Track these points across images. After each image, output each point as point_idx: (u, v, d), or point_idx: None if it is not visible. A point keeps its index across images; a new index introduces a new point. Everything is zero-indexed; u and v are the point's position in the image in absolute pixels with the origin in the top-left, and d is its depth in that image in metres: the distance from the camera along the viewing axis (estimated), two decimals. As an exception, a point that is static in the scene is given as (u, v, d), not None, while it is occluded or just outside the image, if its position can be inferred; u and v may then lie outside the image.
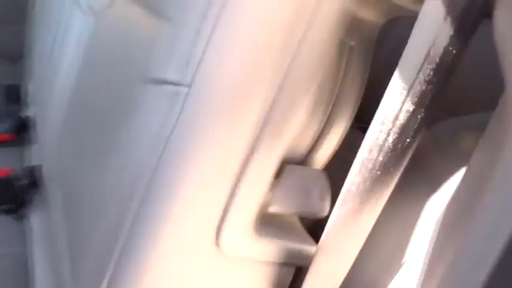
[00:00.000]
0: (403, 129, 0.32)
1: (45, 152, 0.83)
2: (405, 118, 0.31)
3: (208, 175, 0.29)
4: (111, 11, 0.62)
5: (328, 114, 0.38)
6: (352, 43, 0.34)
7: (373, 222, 0.35)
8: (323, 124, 0.38)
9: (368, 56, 0.36)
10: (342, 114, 0.37)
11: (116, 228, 0.37)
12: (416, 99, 0.29)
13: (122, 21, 0.57)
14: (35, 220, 0.80)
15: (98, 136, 0.53)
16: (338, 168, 0.36)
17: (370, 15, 0.33)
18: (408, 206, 0.37)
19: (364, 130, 0.33)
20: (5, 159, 0.97)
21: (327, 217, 0.35)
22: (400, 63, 0.30)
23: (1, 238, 0.78)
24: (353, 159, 0.33)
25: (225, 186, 0.29)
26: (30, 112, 1.14)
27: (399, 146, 0.32)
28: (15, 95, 1.26)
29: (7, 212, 0.80)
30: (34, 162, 0.96)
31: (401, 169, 0.33)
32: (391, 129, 0.32)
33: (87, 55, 0.66)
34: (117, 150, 0.39)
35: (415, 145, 0.33)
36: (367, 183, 0.32)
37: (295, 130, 0.34)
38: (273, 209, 0.34)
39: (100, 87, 0.59)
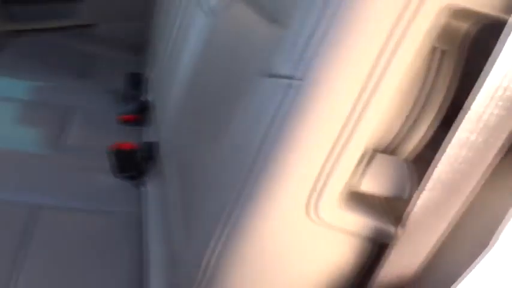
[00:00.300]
0: (491, 130, 0.35)
1: (162, 130, 0.96)
2: (494, 120, 0.35)
3: (307, 154, 0.35)
4: (228, 13, 0.71)
5: (418, 111, 0.42)
6: (445, 48, 0.38)
7: (457, 210, 0.39)
8: (412, 120, 0.42)
9: (460, 60, 0.40)
10: (430, 112, 0.41)
11: (225, 200, 0.45)
12: (502, 103, 0.33)
13: (238, 22, 0.66)
14: (151, 187, 0.95)
15: (213, 119, 0.62)
16: (424, 159, 0.40)
17: (464, 24, 0.37)
18: (495, 197, 0.40)
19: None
20: (128, 135, 1.15)
21: (408, 200, 0.40)
22: (488, 68, 0.33)
23: (121, 198, 0.93)
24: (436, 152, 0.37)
25: (321, 164, 0.36)
26: (150, 97, 1.31)
27: (487, 143, 0.36)
28: (137, 82, 1.45)
29: (128, 178, 0.96)
30: (152, 139, 1.12)
31: (488, 163, 0.36)
32: (481, 128, 0.36)
33: (205, 49, 0.77)
34: (233, 131, 0.47)
35: (501, 143, 0.36)
36: (455, 174, 0.37)
37: (382, 123, 0.40)
38: (363, 187, 0.40)
39: (216, 77, 0.68)
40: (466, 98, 0.36)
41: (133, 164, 0.95)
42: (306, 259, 0.39)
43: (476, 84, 0.34)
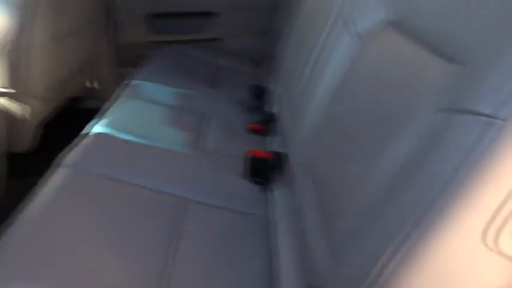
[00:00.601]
0: None
1: (293, 144, 1.04)
2: None
3: (496, 188, 0.38)
4: (379, 39, 0.76)
5: None
6: None
7: None
8: None
9: None
10: None
11: (402, 221, 0.48)
12: None
13: (391, 50, 0.70)
14: (278, 193, 1.03)
15: (361, 142, 0.67)
16: None
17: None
18: None
19: None
20: (254, 143, 1.25)
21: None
22: None
23: (250, 201, 1.02)
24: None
25: (499, 198, 0.39)
26: (274, 109, 1.41)
27: None
28: (260, 94, 1.57)
29: (258, 183, 1.05)
30: (276, 148, 1.21)
31: None
32: None
33: (350, 73, 0.82)
34: (396, 158, 0.52)
35: None
36: None
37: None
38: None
39: (362, 102, 0.73)
40: None
41: (265, 170, 1.04)
42: (478, 284, 0.42)
43: None
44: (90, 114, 2.00)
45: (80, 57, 1.75)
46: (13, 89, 1.37)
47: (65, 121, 1.79)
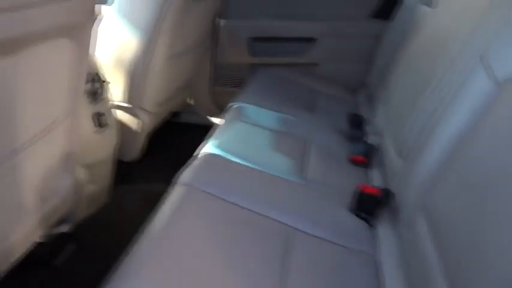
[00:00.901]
0: None
1: (401, 182, 1.01)
2: None
3: None
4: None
5: None
6: None
7: None
8: None
9: None
10: None
11: None
12: None
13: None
14: (384, 231, 1.00)
15: (498, 209, 0.63)
16: None
17: None
18: None
19: None
20: (356, 175, 1.24)
21: None
22: None
23: (357, 237, 1.00)
24: None
25: None
26: (373, 139, 1.39)
27: None
28: (358, 123, 1.55)
29: (363, 218, 1.03)
30: (379, 183, 1.18)
31: None
32: None
33: (484, 120, 0.78)
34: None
35: None
36: None
37: None
38: None
39: (496, 158, 0.69)
40: None
41: (373, 206, 1.02)
42: None
43: None
44: (186, 128, 2.13)
45: (186, 75, 1.87)
46: (129, 103, 1.50)
47: (164, 133, 1.91)
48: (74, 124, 1.00)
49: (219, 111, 2.18)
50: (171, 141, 1.99)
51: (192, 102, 2.15)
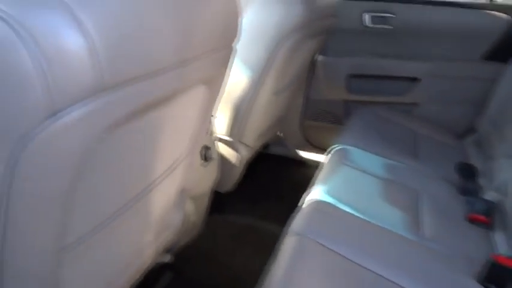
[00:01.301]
0: None
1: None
2: None
3: None
4: None
5: None
6: None
7: None
8: None
9: None
10: None
11: None
12: None
13: None
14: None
15: None
16: None
17: None
18: None
19: None
20: (478, 238, 1.12)
21: None
22: None
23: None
24: None
25: None
26: (492, 196, 1.26)
27: None
28: (470, 174, 1.42)
29: (491, 290, 0.92)
30: (503, 249, 1.06)
31: None
32: None
33: None
34: None
35: None
36: None
37: None
38: None
39: None
40: None
41: (506, 281, 0.91)
42: None
43: None
44: (273, 159, 2.12)
45: (283, 109, 1.86)
46: (230, 137, 1.51)
47: (255, 164, 1.91)
48: (192, 161, 1.01)
49: (309, 145, 2.15)
50: (260, 172, 1.99)
51: (281, 134, 2.14)
